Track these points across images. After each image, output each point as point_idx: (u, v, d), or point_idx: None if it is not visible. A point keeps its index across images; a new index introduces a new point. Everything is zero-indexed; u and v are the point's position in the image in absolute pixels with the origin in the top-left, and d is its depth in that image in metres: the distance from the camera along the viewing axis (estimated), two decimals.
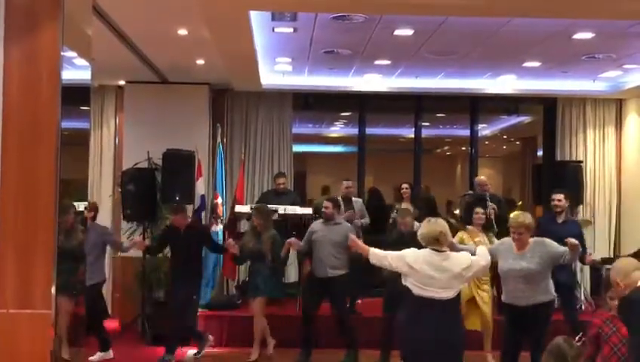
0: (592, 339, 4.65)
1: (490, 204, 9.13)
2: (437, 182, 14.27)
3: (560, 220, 8.35)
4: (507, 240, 6.48)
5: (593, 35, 7.67)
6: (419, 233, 5.44)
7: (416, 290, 5.24)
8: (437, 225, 5.38)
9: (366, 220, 9.33)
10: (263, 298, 8.05)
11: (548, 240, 6.36)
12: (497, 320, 7.61)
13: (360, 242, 6.03)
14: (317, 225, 8.13)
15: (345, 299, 8.30)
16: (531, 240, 6.29)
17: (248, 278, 8.44)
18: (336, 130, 16.01)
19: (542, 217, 9.23)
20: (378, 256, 5.51)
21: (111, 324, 8.75)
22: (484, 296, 7.82)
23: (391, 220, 9.31)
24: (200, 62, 9.00)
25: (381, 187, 12.82)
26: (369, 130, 11.89)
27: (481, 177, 9.93)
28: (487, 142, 16.46)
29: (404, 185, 9.66)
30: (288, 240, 8.06)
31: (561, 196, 8.51)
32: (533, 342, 6.14)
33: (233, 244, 8.16)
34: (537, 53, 8.67)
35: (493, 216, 8.90)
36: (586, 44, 8.09)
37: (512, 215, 7.00)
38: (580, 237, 7.55)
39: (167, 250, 8.60)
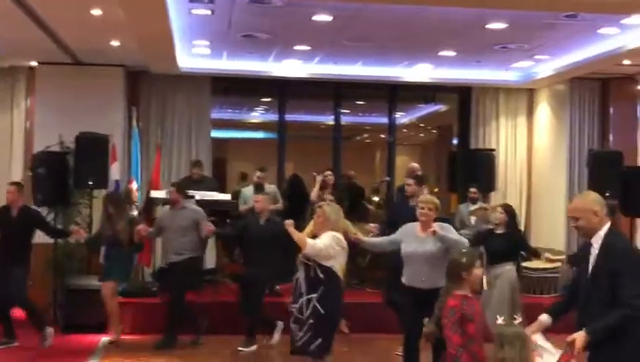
0: (457, 323, 4.33)
1: (386, 178, 9.40)
2: (356, 170, 14.32)
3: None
4: (410, 224, 6.41)
5: (506, 25, 7.83)
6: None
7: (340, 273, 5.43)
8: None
9: (278, 206, 9.27)
10: (114, 282, 7.93)
11: (448, 226, 6.40)
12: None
13: (295, 232, 5.76)
14: (165, 211, 8.12)
15: (186, 281, 8.05)
16: (434, 224, 6.36)
17: (104, 263, 8.20)
18: (257, 115, 15.91)
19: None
20: (315, 243, 5.51)
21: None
22: None
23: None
24: (115, 43, 8.76)
25: (302, 174, 12.79)
26: (289, 117, 11.88)
27: (414, 164, 10.02)
28: (405, 130, 16.68)
29: (328, 172, 9.63)
30: (138, 227, 7.96)
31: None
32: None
33: (78, 229, 8.21)
34: (452, 42, 8.81)
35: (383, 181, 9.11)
36: (500, 34, 8.26)
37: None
38: None
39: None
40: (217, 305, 8.58)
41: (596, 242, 4.19)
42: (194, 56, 9.86)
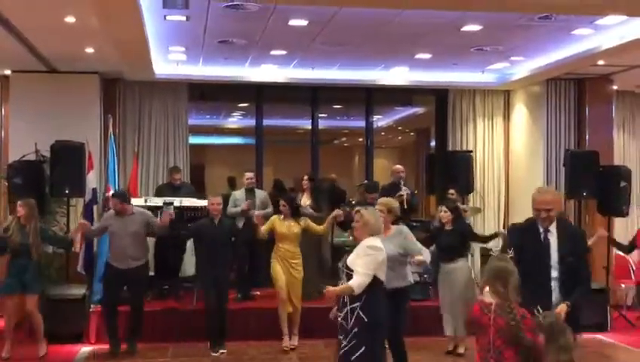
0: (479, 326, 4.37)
1: (404, 188, 9.39)
2: (335, 174, 14.35)
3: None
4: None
5: (481, 27, 7.88)
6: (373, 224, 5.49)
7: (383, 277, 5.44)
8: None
9: (268, 210, 9.29)
10: (36, 294, 7.79)
11: (407, 230, 6.50)
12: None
13: (334, 288, 5.51)
14: (111, 217, 8.00)
15: (145, 286, 8.19)
16: (393, 226, 6.41)
17: (8, 273, 7.83)
18: (234, 121, 15.86)
19: None
20: (359, 281, 5.27)
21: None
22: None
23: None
24: (89, 50, 8.70)
25: (282, 179, 12.80)
26: (267, 122, 11.84)
27: (398, 166, 10.08)
28: (382, 133, 16.73)
29: (305, 177, 9.66)
30: (81, 221, 7.99)
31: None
32: (391, 330, 5.97)
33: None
34: (428, 44, 8.85)
35: (405, 199, 9.08)
36: (475, 36, 8.31)
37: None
38: None
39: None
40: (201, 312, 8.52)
41: (553, 228, 4.98)
42: (170, 62, 9.82)
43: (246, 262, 9.48)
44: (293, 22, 7.66)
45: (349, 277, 5.33)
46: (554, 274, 4.96)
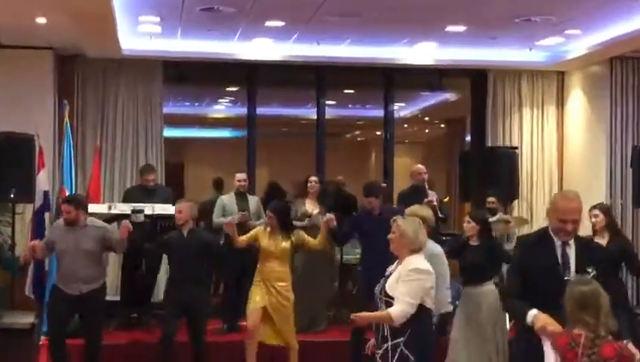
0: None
1: (430, 192, 9.40)
2: (347, 175, 14.42)
3: None
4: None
5: None
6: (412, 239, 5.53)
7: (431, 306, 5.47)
8: None
9: (262, 221, 9.33)
10: None
11: (439, 253, 6.77)
12: None
13: (367, 314, 5.62)
14: (59, 228, 7.89)
15: (102, 315, 8.08)
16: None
17: None
18: (221, 109, 15.93)
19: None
20: (401, 310, 5.30)
21: None
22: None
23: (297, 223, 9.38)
24: (40, 20, 8.73)
25: (279, 181, 12.84)
26: (261, 110, 11.89)
27: (419, 165, 10.11)
28: (406, 125, 16.79)
29: (313, 178, 9.67)
30: (31, 243, 7.91)
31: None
32: None
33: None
34: (461, 14, 8.85)
35: (436, 206, 9.10)
36: (519, 4, 8.35)
37: None
38: None
39: None
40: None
41: (571, 240, 5.02)
42: (141, 35, 9.84)
43: (233, 286, 9.49)
44: None
45: (389, 306, 5.35)
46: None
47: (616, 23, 9.24)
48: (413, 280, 5.32)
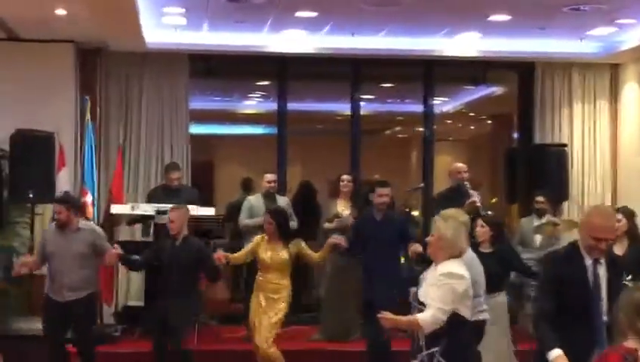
0: None
1: (472, 192, 9.48)
2: (386, 174, 14.41)
3: None
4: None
5: None
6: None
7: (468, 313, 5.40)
8: None
9: (293, 224, 9.41)
10: None
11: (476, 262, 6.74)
12: None
13: (393, 316, 5.59)
14: (51, 232, 8.01)
15: (91, 325, 8.19)
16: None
17: None
18: (252, 104, 15.99)
19: None
20: (430, 316, 5.29)
21: None
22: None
23: (326, 224, 9.46)
24: (60, 12, 8.87)
25: (313, 180, 12.89)
26: (293, 106, 11.93)
27: (458, 163, 10.14)
28: (449, 121, 16.73)
29: (345, 177, 9.74)
30: (21, 260, 8.05)
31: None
32: None
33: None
34: (504, 2, 8.85)
35: (478, 207, 9.22)
36: None
37: None
38: None
39: None
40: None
41: (602, 259, 5.03)
42: (165, 27, 9.96)
43: None
44: None
45: (422, 312, 5.40)
46: (605, 317, 4.93)
47: None
48: (445, 284, 5.35)
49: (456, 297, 5.33)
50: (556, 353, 4.68)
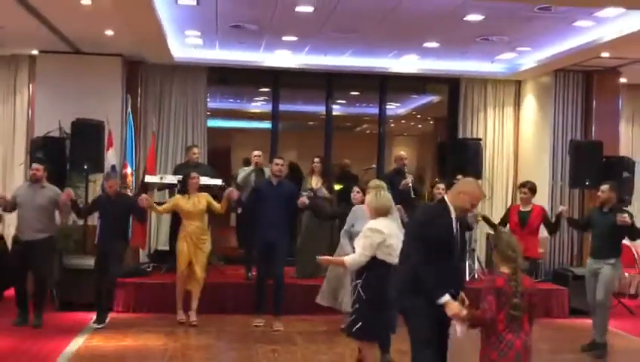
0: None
1: (408, 175, 9.54)
2: (357, 161, 14.39)
3: None
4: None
5: (483, 17, 7.84)
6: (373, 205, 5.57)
7: (388, 258, 5.36)
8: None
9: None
10: None
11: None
12: None
13: (328, 257, 6.02)
14: (22, 188, 8.00)
15: (47, 261, 8.00)
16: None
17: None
18: (258, 105, 15.94)
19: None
20: (355, 258, 5.42)
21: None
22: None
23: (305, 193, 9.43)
24: (109, 33, 8.86)
25: (300, 162, 12.87)
26: (287, 107, 11.88)
27: (401, 152, 10.13)
28: (403, 121, 16.67)
29: (316, 159, 9.73)
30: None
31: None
32: None
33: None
34: (435, 33, 8.82)
35: (410, 186, 9.32)
36: (479, 26, 8.28)
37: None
38: None
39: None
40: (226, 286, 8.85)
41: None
42: (187, 46, 9.93)
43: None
44: (299, 8, 7.70)
45: None
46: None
47: (556, 43, 9.18)
48: (366, 236, 5.40)
49: (373, 247, 5.37)
50: (446, 298, 4.43)
